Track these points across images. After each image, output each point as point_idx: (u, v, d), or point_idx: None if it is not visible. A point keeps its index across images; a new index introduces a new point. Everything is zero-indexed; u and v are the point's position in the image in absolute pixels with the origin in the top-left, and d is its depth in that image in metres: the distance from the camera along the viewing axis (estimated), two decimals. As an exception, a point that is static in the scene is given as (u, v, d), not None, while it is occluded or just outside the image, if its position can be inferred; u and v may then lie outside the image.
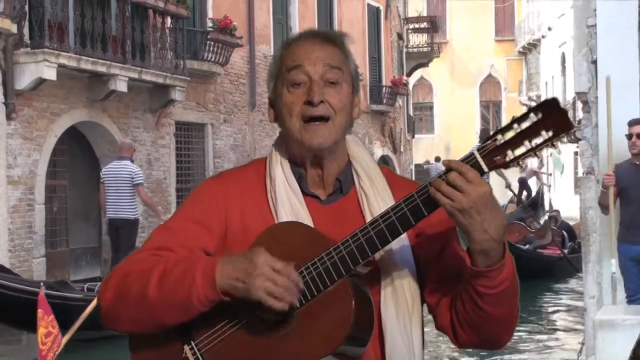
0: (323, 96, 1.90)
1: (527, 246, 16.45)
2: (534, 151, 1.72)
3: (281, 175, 1.95)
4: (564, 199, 28.42)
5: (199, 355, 1.86)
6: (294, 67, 1.92)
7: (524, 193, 27.85)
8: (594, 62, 7.88)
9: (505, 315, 1.87)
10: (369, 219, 1.90)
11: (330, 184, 1.97)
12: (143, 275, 1.84)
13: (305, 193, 1.95)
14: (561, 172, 35.11)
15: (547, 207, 24.81)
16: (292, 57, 1.94)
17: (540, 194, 25.90)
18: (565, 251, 16.54)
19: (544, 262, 15.86)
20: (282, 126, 1.96)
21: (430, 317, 2.00)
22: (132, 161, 12.43)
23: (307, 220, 1.90)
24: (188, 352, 1.87)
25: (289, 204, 1.92)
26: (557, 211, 20.74)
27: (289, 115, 1.91)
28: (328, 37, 1.97)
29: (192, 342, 1.88)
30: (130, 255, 1.94)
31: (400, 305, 1.89)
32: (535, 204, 24.74)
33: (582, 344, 7.87)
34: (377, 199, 1.94)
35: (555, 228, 17.83)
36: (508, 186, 18.40)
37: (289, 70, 1.92)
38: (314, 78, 1.91)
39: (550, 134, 1.71)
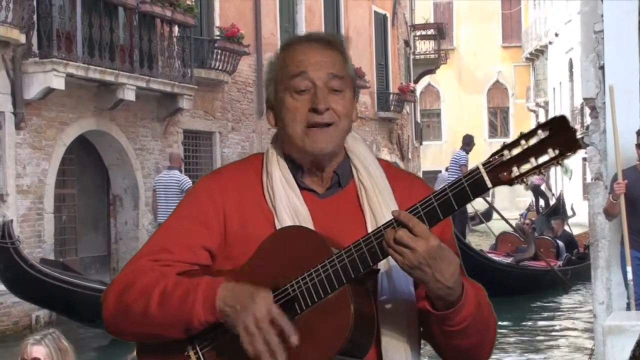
0: (328, 103, 1.90)
1: (510, 259, 15.53)
2: (539, 169, 1.71)
3: (277, 170, 1.96)
4: (573, 205, 28.25)
5: (201, 355, 1.89)
6: (297, 74, 1.91)
7: (541, 200, 27.46)
8: (602, 67, 7.87)
9: (476, 343, 1.90)
10: (367, 212, 1.93)
11: (328, 178, 1.97)
12: (144, 294, 1.86)
13: (301, 187, 1.95)
14: (569, 178, 35.02)
15: (569, 213, 24.42)
16: (295, 62, 1.92)
17: (561, 200, 25.39)
18: (560, 263, 15.85)
19: (529, 275, 14.87)
20: (284, 131, 1.95)
21: None
22: (181, 171, 13.80)
23: (304, 213, 1.91)
24: (191, 353, 1.89)
25: (286, 197, 1.92)
26: (561, 218, 19.99)
27: (292, 121, 1.91)
28: (329, 42, 1.96)
29: (195, 342, 1.90)
30: (130, 262, 1.96)
31: (398, 317, 1.90)
32: (557, 210, 24.29)
33: (592, 350, 7.86)
34: (375, 192, 1.95)
35: (549, 238, 17.19)
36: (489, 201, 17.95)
37: (292, 76, 1.91)
38: (318, 84, 1.90)
39: (557, 152, 1.70)
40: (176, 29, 15.92)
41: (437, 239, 1.75)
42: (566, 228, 19.11)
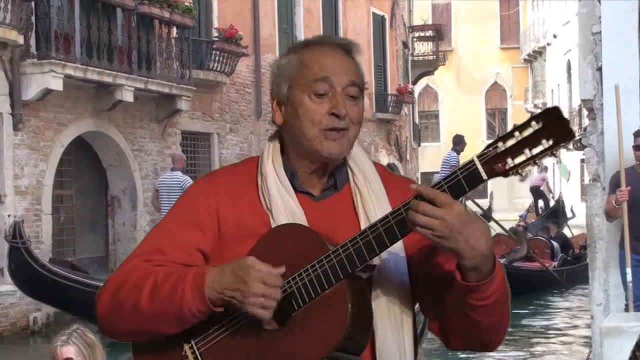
0: (346, 109, 1.92)
1: (503, 260, 15.05)
2: (533, 160, 1.72)
3: (272, 172, 1.96)
4: (572, 207, 28.22)
5: (198, 354, 1.89)
6: (321, 79, 1.92)
7: (540, 202, 27.36)
8: (599, 69, 7.88)
9: (497, 323, 1.89)
10: (362, 215, 1.94)
11: (324, 181, 1.99)
12: (135, 289, 1.87)
13: (297, 190, 1.96)
14: (567, 180, 35.05)
15: (569, 215, 24.30)
16: (318, 66, 1.94)
17: (561, 201, 25.26)
18: (555, 264, 15.74)
19: (522, 276, 14.46)
20: (294, 130, 1.95)
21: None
22: (183, 172, 13.85)
23: (300, 216, 1.92)
24: (187, 351, 1.90)
25: (282, 201, 1.93)
26: (555, 222, 19.79)
27: (310, 123, 1.92)
28: (349, 49, 1.99)
29: (192, 340, 1.90)
30: (124, 262, 1.96)
31: (392, 310, 1.91)
32: (556, 211, 24.13)
33: (589, 351, 7.86)
34: (370, 195, 1.96)
35: (544, 239, 17.15)
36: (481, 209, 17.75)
37: (316, 80, 1.93)
38: (338, 90, 1.93)
39: (551, 142, 1.71)
40: (174, 30, 15.93)
41: (462, 206, 1.75)
42: (565, 231, 19.01)
